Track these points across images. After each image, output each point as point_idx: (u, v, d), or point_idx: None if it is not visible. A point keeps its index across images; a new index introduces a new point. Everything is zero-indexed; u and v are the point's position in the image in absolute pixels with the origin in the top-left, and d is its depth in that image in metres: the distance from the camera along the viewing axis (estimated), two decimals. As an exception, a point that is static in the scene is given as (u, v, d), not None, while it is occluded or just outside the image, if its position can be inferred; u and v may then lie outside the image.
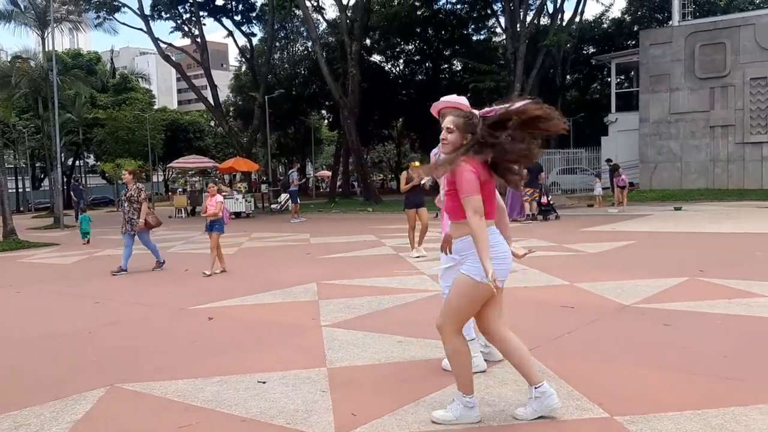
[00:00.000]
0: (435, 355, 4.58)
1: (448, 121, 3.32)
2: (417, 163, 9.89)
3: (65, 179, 48.10)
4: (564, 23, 35.16)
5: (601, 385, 3.84)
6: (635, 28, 40.49)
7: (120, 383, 4.24)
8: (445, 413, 3.33)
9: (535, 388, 3.32)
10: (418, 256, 10.14)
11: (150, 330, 6.03)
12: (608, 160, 25.43)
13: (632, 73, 36.88)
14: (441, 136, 3.33)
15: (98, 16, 35.19)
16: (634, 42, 36.06)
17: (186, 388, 4.07)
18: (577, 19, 37.59)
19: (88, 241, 16.40)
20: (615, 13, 62.96)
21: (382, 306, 6.49)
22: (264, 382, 4.13)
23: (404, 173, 10.86)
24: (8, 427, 3.51)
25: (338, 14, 34.84)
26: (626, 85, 41.37)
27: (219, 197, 10.18)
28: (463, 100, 3.81)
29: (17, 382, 4.44)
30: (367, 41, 42.08)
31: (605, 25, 46.98)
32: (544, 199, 17.68)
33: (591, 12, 72.28)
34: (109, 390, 4.11)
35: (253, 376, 4.25)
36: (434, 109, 3.87)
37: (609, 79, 37.98)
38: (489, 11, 40.59)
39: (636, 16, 45.37)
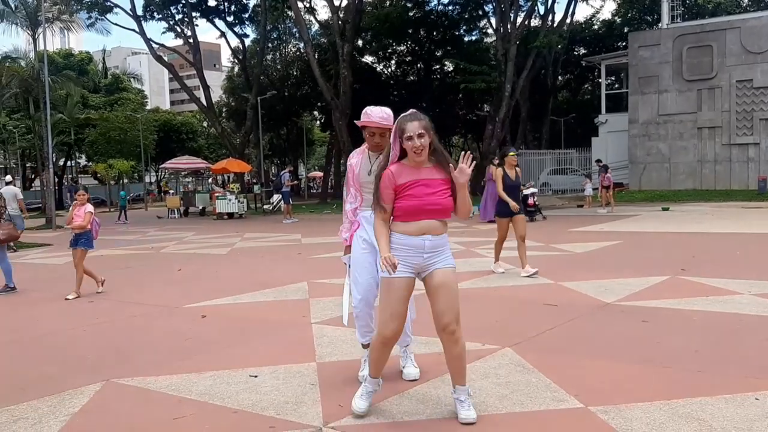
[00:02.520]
0: (420, 350, 4.74)
1: (419, 127, 3.33)
2: (514, 155, 8.62)
3: (57, 180, 48.06)
4: (555, 25, 35.44)
5: (577, 379, 4.02)
6: (625, 30, 40.82)
7: (115, 378, 4.39)
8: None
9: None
10: (503, 272, 8.47)
11: (144, 328, 6.18)
12: (598, 161, 25.67)
13: (622, 74, 37.19)
14: (417, 144, 3.31)
15: (90, 17, 35.24)
16: (624, 43, 36.39)
17: (180, 383, 4.23)
18: (568, 20, 37.87)
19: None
20: (605, 14, 63.20)
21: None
22: (255, 377, 4.29)
23: (498, 171, 8.57)
24: (6, 420, 3.66)
25: (330, 15, 35.03)
26: (617, 86, 41.71)
27: (89, 206, 8.42)
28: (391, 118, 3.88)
29: (13, 379, 4.57)
30: (359, 42, 42.24)
31: (596, 27, 47.33)
32: (530, 200, 17.84)
33: (582, 13, 72.97)
34: (104, 385, 4.26)
35: (245, 371, 4.41)
36: (366, 123, 3.88)
37: (600, 80, 38.31)
38: (480, 12, 40.86)
39: (626, 18, 45.73)
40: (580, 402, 3.60)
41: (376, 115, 3.84)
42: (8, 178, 21.19)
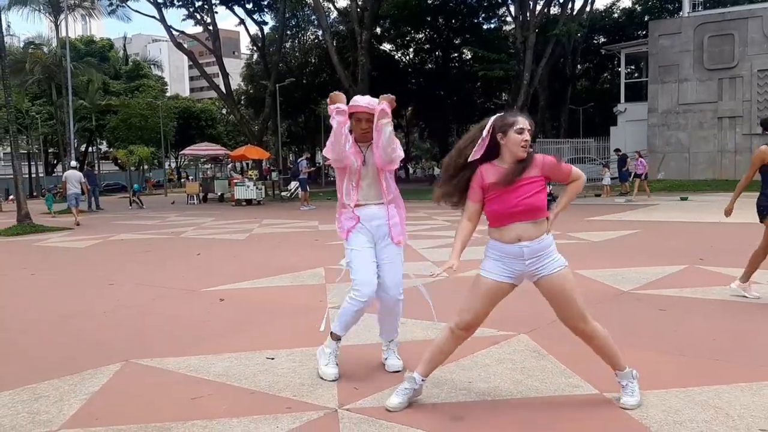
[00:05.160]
0: (435, 335, 4.77)
1: (525, 122, 3.23)
2: None
3: (78, 165, 48.54)
4: (574, 13, 35.10)
5: (593, 365, 4.00)
6: (646, 18, 40.36)
7: (134, 359, 4.46)
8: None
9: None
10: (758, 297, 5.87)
11: (163, 310, 6.26)
12: (617, 150, 25.49)
13: (642, 63, 36.80)
14: (528, 138, 3.21)
15: (111, 3, 35.44)
16: (644, 32, 35.98)
17: (198, 364, 4.29)
18: (588, 8, 37.51)
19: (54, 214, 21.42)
20: (626, 2, 62.33)
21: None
22: (272, 359, 4.34)
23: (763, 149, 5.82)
24: (28, 398, 3.74)
25: (349, 3, 34.93)
26: (636, 75, 41.28)
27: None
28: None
29: (34, 360, 4.66)
30: (378, 30, 42.17)
31: (616, 15, 46.88)
32: (547, 189, 17.76)
33: (602, 2, 72.08)
34: (124, 365, 4.34)
35: (262, 353, 4.47)
36: (349, 110, 3.80)
37: (619, 69, 37.93)
38: (499, 0, 40.54)
39: (647, 6, 45.22)
40: (595, 388, 3.61)
41: (364, 101, 3.82)
42: (73, 163, 23.29)
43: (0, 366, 4.51)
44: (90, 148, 60.59)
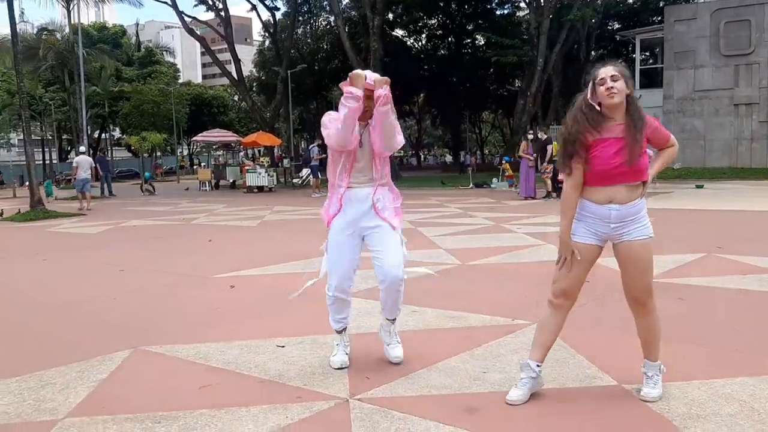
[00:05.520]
0: (448, 324, 4.69)
1: (612, 69, 3.06)
2: None
3: (91, 152, 48.72)
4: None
5: (611, 356, 3.92)
6: (661, 4, 39.74)
7: (144, 346, 4.40)
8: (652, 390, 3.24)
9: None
10: None
11: (174, 297, 6.21)
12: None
13: (656, 49, 36.31)
14: (610, 85, 3.02)
15: (123, -11, 35.39)
16: (659, 18, 35.42)
17: (208, 351, 4.22)
18: (603, -7, 37.00)
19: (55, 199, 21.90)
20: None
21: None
22: (283, 347, 4.27)
23: None
24: (35, 385, 3.68)
25: (361, -12, 34.63)
26: (650, 62, 40.74)
27: None
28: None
29: (42, 345, 4.62)
30: (390, 15, 41.79)
31: (630, 1, 46.16)
32: (561, 176, 17.55)
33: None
34: (133, 352, 4.27)
35: (273, 341, 4.39)
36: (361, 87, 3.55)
37: (634, 56, 37.44)
38: (513, -15, 40.11)
39: (662, -8, 44.48)
40: (614, 379, 3.51)
41: (370, 76, 3.57)
42: (82, 148, 23.20)
43: (8, 351, 4.47)
44: (103, 135, 60.80)
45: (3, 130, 45.07)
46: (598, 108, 3.11)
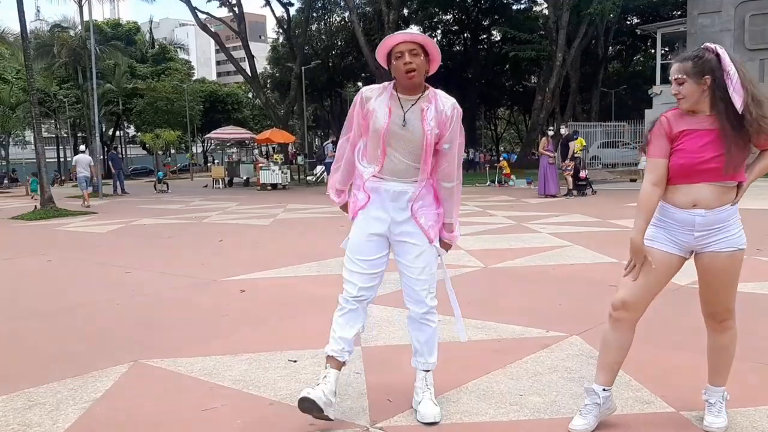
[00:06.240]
0: (476, 335, 4.29)
1: (676, 70, 2.67)
2: None
3: (105, 149, 48.67)
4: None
5: (661, 375, 3.51)
6: (681, -1, 39.00)
7: (145, 359, 4.03)
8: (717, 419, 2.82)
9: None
10: None
11: (180, 302, 5.84)
12: (653, 134, 24.62)
13: (677, 44, 35.61)
14: (673, 91, 2.66)
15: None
16: (679, 12, 34.72)
17: (213, 366, 3.85)
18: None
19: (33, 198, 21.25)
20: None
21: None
22: (295, 361, 3.89)
23: None
24: (23, 406, 3.32)
25: (376, -17, 34.22)
26: (670, 57, 39.95)
27: None
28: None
29: (36, 356, 4.27)
30: (405, 11, 41.35)
31: (650, -6, 45.38)
32: (582, 173, 17.08)
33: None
34: (132, 366, 3.91)
35: (284, 354, 4.01)
36: (383, 48, 2.91)
37: (653, 51, 36.79)
38: (530, -21, 39.56)
39: (683, -15, 43.70)
40: (669, 405, 3.09)
41: (399, 32, 2.94)
42: (82, 147, 23.68)
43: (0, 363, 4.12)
44: (117, 132, 60.78)
45: (17, 127, 45.07)
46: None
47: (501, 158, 23.99)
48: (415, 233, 2.95)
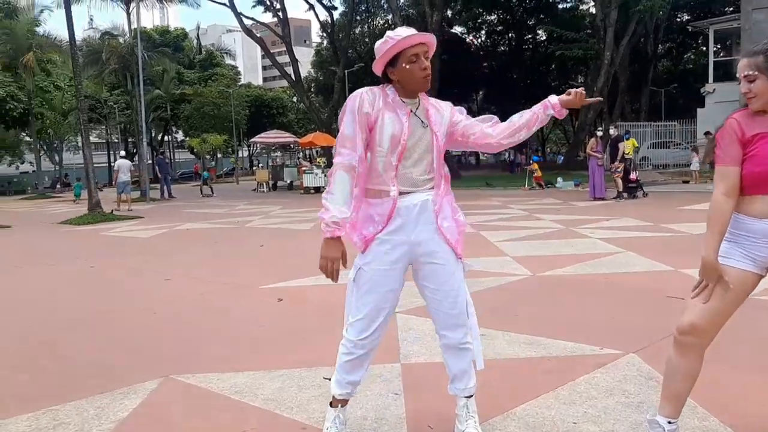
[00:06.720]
0: (523, 352, 4.01)
1: (744, 67, 2.40)
2: None
3: (154, 154, 49.56)
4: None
5: (730, 400, 3.18)
6: (735, -7, 37.68)
7: (176, 374, 3.87)
8: None
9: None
10: None
11: (217, 311, 5.70)
12: (707, 133, 23.75)
13: (729, 41, 34.47)
14: (742, 90, 2.39)
15: (183, -9, 35.67)
16: (732, 8, 33.57)
17: (245, 384, 3.66)
18: (673, -17, 35.40)
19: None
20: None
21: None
22: (329, 379, 3.67)
23: None
24: (47, 425, 3.18)
25: (419, -16, 33.96)
26: (722, 54, 38.71)
27: None
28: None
29: (67, 368, 4.16)
30: (449, 12, 41.00)
31: (700, -10, 44.02)
32: (633, 175, 16.46)
33: (687, -23, 68.24)
34: (162, 382, 3.75)
35: (319, 371, 3.80)
36: (390, 50, 2.58)
37: (704, 48, 35.65)
38: (577, -23, 38.83)
39: (735, -19, 42.27)
40: (743, 436, 2.78)
41: (409, 31, 2.60)
42: (122, 152, 24.53)
43: (29, 376, 4.01)
44: (166, 137, 61.83)
45: (69, 133, 46.21)
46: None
47: (531, 161, 22.94)
48: (442, 251, 2.64)
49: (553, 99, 2.71)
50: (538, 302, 5.52)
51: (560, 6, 42.86)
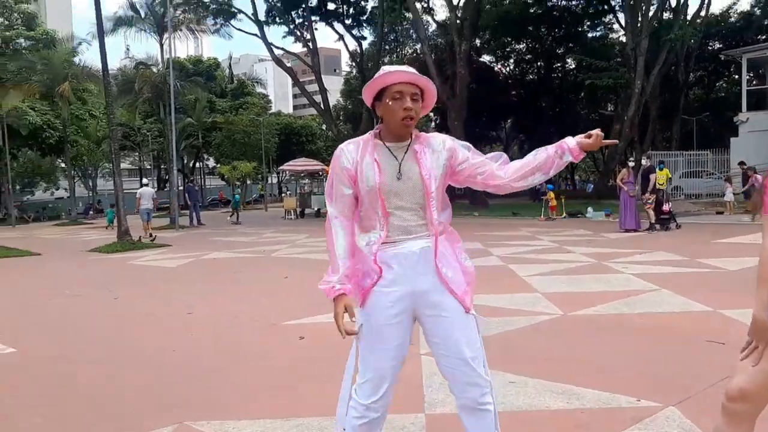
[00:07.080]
0: (554, 403, 3.79)
1: None
2: None
3: (186, 181, 50.21)
4: (689, 17, 32.82)
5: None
6: (766, 22, 37.21)
7: (190, 420, 3.73)
8: None
9: None
10: None
11: (236, 349, 5.55)
12: (741, 163, 23.25)
13: (761, 70, 33.94)
14: None
15: (215, 23, 36.29)
16: (765, 37, 33.09)
17: (261, 432, 3.50)
18: (703, 12, 35.08)
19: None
20: (744, 5, 58.05)
21: (489, 330, 5.68)
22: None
23: None
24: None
25: (448, 15, 34.15)
26: (755, 82, 38.11)
27: None
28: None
29: (79, 411, 4.03)
30: (477, 42, 41.09)
31: (732, 19, 43.54)
32: (666, 207, 16.05)
33: (717, 5, 67.98)
34: (176, 429, 3.61)
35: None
36: (376, 84, 2.44)
37: (736, 76, 35.11)
38: (606, 7, 38.71)
39: (767, 9, 41.73)
40: None
41: (400, 68, 2.46)
42: (145, 180, 24.57)
43: (41, 420, 3.90)
44: (198, 164, 62.64)
45: (103, 160, 47.05)
46: None
47: (547, 189, 22.31)
48: (446, 302, 2.42)
49: (570, 142, 2.51)
50: (570, 344, 5.29)
51: (590, 35, 42.75)
